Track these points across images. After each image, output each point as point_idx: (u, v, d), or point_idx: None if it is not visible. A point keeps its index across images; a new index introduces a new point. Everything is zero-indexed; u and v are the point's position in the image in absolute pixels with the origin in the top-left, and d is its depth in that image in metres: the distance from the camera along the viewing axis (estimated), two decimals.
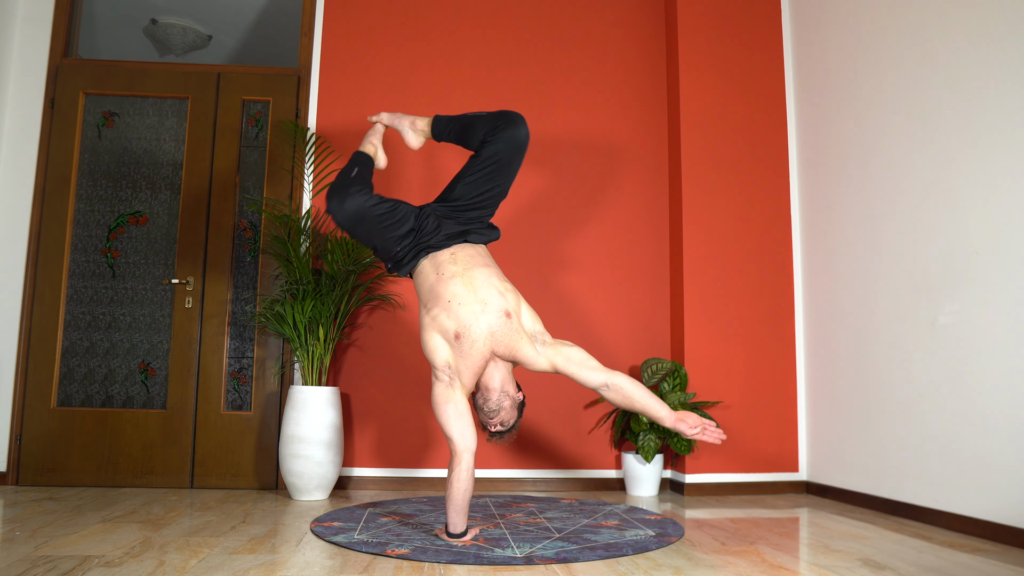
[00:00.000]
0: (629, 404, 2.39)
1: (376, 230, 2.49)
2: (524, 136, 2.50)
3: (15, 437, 3.59)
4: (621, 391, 2.37)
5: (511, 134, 2.49)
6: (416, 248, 2.50)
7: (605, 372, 2.38)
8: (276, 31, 5.16)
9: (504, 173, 2.54)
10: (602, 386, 2.38)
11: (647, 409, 2.38)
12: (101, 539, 2.38)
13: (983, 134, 2.72)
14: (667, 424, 2.39)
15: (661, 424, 2.41)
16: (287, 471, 3.29)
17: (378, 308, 3.79)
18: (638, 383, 2.40)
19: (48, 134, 3.79)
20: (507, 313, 2.38)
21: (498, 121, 2.53)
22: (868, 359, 3.30)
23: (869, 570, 2.12)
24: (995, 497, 2.60)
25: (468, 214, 2.56)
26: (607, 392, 2.38)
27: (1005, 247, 2.60)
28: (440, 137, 2.75)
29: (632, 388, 2.38)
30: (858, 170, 3.42)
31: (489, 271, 2.45)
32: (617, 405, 2.42)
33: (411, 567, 2.10)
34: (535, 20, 4.09)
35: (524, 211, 3.91)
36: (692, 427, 2.37)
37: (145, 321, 3.74)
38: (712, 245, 3.82)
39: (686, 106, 3.90)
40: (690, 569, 2.11)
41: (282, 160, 3.84)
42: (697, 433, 2.38)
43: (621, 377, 2.38)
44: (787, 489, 3.71)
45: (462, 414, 2.34)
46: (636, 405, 2.38)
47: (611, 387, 2.37)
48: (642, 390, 2.39)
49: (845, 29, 3.56)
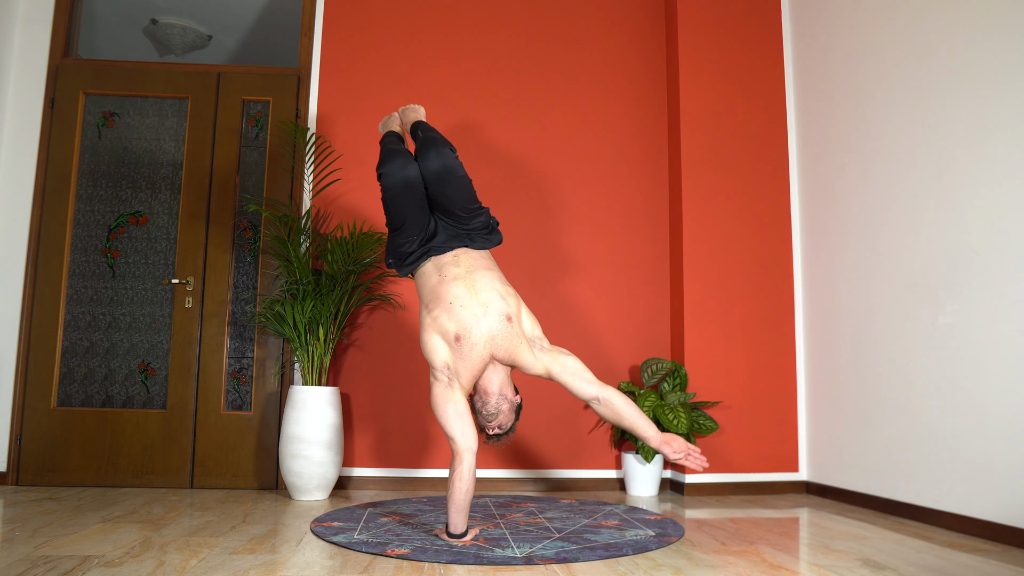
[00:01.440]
0: (618, 420, 2.43)
1: (416, 204, 2.53)
2: (436, 168, 2.52)
3: (15, 437, 3.59)
4: (612, 407, 2.40)
5: (424, 167, 2.54)
6: (422, 250, 2.54)
7: (598, 386, 2.41)
8: (276, 31, 5.16)
9: (443, 195, 2.54)
10: (593, 399, 2.41)
11: (635, 427, 2.42)
12: (101, 539, 2.38)
13: (983, 134, 2.72)
14: (652, 445, 2.43)
15: (647, 444, 2.45)
16: (287, 471, 3.29)
17: (378, 308, 3.79)
18: (629, 401, 2.43)
19: (48, 134, 3.79)
20: (508, 317, 2.39)
21: (422, 148, 2.60)
22: (868, 359, 3.30)
23: (869, 570, 2.12)
24: (995, 497, 2.60)
25: (464, 223, 2.58)
26: (597, 406, 2.42)
27: (1005, 247, 2.60)
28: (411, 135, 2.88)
29: (623, 405, 2.41)
30: (858, 170, 3.42)
31: (491, 275, 2.48)
32: (606, 420, 2.46)
33: (411, 567, 2.10)
34: (535, 20, 4.09)
35: (524, 211, 3.91)
36: (676, 452, 2.41)
37: (145, 321, 3.74)
38: (712, 245, 3.82)
39: (686, 106, 3.90)
40: (690, 569, 2.11)
41: (282, 160, 3.84)
42: (680, 459, 2.42)
43: (613, 393, 2.42)
44: (787, 489, 3.71)
45: (462, 414, 2.34)
46: (624, 422, 2.42)
47: (602, 401, 2.40)
48: (632, 408, 2.42)
49: (845, 29, 3.56)
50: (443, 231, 2.57)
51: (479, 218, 2.59)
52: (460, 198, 2.55)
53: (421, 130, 2.74)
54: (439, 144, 2.57)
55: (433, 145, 2.57)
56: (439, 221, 2.58)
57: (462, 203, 2.55)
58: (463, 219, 2.56)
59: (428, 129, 2.73)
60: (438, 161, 2.52)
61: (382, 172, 2.52)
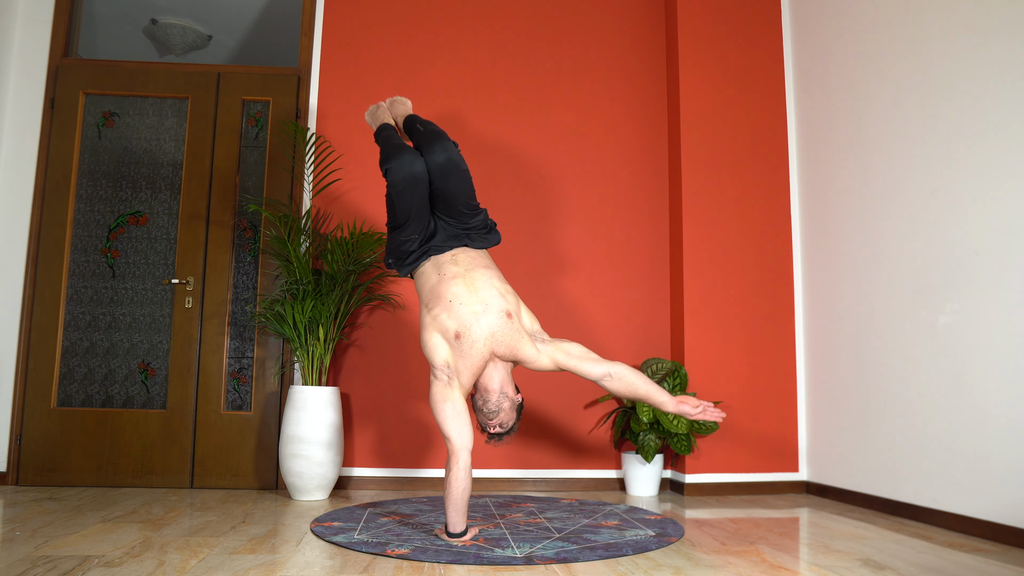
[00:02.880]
0: (632, 392, 2.44)
1: (420, 201, 2.54)
2: (442, 161, 2.53)
3: (15, 437, 3.59)
4: (623, 380, 2.42)
5: (430, 160, 2.54)
6: (422, 249, 2.55)
7: (606, 363, 2.44)
8: (276, 31, 5.16)
9: (447, 190, 2.54)
10: (605, 376, 2.42)
11: (649, 395, 2.44)
12: (101, 539, 2.38)
13: (983, 134, 2.72)
14: (669, 409, 2.45)
15: (663, 409, 2.47)
16: (287, 471, 3.29)
17: (378, 308, 3.79)
18: (638, 371, 2.46)
19: (48, 134, 3.79)
20: (508, 314, 2.40)
21: (426, 141, 2.60)
22: (868, 359, 3.30)
23: (869, 570, 2.12)
24: (995, 497, 2.60)
25: (464, 220, 2.59)
26: (610, 382, 2.43)
27: (1005, 247, 2.60)
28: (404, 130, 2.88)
29: (633, 376, 2.44)
30: (858, 170, 3.42)
31: (490, 273, 2.50)
32: (620, 395, 2.47)
33: (411, 567, 2.10)
34: (535, 20, 4.09)
35: (524, 211, 3.91)
36: (694, 407, 2.44)
37: (145, 321, 3.74)
38: (712, 245, 3.82)
39: (686, 106, 3.90)
40: (690, 569, 2.11)
41: (282, 160, 3.84)
42: (699, 412, 2.44)
43: (622, 367, 2.44)
44: (787, 489, 3.71)
45: (459, 413, 2.35)
46: (639, 392, 2.44)
47: (614, 376, 2.42)
48: (643, 378, 2.45)
49: (845, 29, 3.56)
50: (442, 231, 2.58)
51: (478, 216, 2.60)
52: (463, 193, 2.55)
53: (420, 123, 2.74)
54: (443, 138, 2.58)
55: (437, 139, 2.58)
56: (439, 221, 2.60)
57: (465, 199, 2.56)
58: (465, 216, 2.57)
59: (427, 123, 2.73)
60: (443, 155, 2.52)
61: (389, 167, 2.51)
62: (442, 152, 2.53)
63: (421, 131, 2.68)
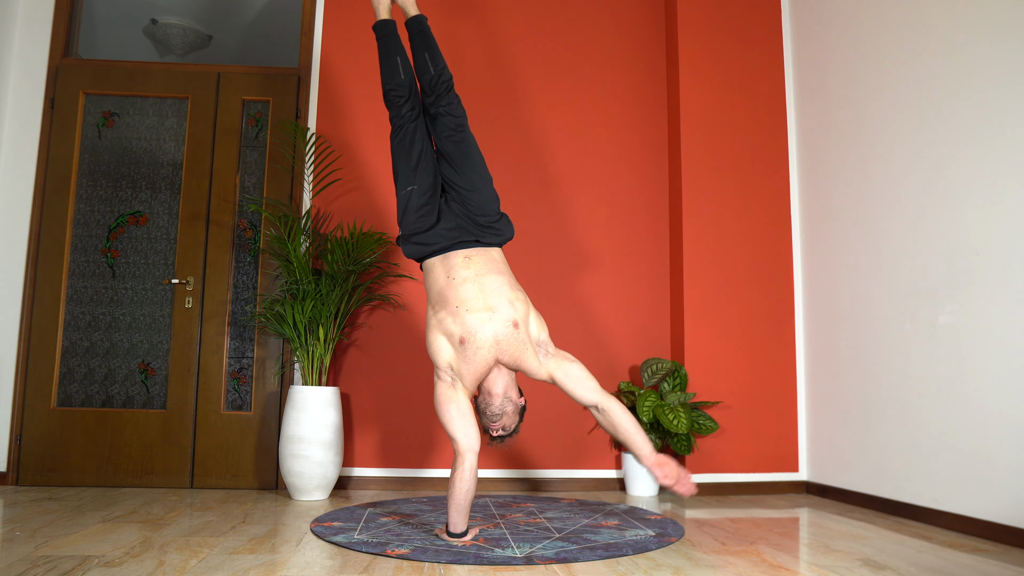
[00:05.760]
0: (614, 431, 2.42)
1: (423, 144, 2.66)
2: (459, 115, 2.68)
3: (15, 437, 3.59)
4: (610, 416, 2.40)
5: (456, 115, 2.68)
6: (430, 238, 2.53)
7: (601, 395, 2.41)
8: (276, 31, 5.16)
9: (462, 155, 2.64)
10: (594, 407, 2.41)
11: (629, 441, 2.41)
12: (101, 539, 2.38)
13: (983, 134, 2.72)
14: (645, 463, 2.41)
15: (638, 458, 2.43)
16: (287, 471, 3.29)
17: (378, 308, 3.79)
18: (629, 414, 2.42)
19: (48, 134, 3.79)
20: (515, 323, 2.37)
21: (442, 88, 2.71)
22: (868, 359, 3.30)
23: (869, 570, 2.12)
24: (995, 497, 2.60)
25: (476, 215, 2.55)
26: (596, 414, 2.43)
27: (1005, 247, 2.60)
28: (408, 30, 2.89)
29: (622, 417, 2.40)
30: (858, 170, 3.42)
31: (502, 279, 2.44)
32: (604, 428, 2.47)
33: (411, 567, 2.10)
34: (535, 21, 4.09)
35: (524, 211, 3.91)
36: (665, 477, 2.38)
37: (145, 321, 3.74)
38: (712, 245, 3.82)
39: (686, 106, 3.90)
40: (690, 569, 2.11)
41: (282, 160, 3.84)
42: (669, 484, 2.39)
43: (614, 403, 2.41)
44: (787, 489, 3.71)
45: (465, 414, 2.34)
46: (620, 434, 2.41)
47: (602, 410, 2.40)
48: (630, 422, 2.40)
49: (845, 29, 3.56)
50: (448, 218, 2.53)
51: (487, 187, 2.62)
52: (473, 153, 2.65)
53: (429, 53, 2.75)
54: (452, 91, 2.72)
55: (447, 92, 2.70)
56: (444, 208, 2.55)
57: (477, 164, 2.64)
58: (477, 185, 2.58)
59: (435, 50, 2.76)
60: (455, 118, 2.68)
61: (393, 100, 2.67)
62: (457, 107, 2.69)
63: (432, 75, 2.72)
